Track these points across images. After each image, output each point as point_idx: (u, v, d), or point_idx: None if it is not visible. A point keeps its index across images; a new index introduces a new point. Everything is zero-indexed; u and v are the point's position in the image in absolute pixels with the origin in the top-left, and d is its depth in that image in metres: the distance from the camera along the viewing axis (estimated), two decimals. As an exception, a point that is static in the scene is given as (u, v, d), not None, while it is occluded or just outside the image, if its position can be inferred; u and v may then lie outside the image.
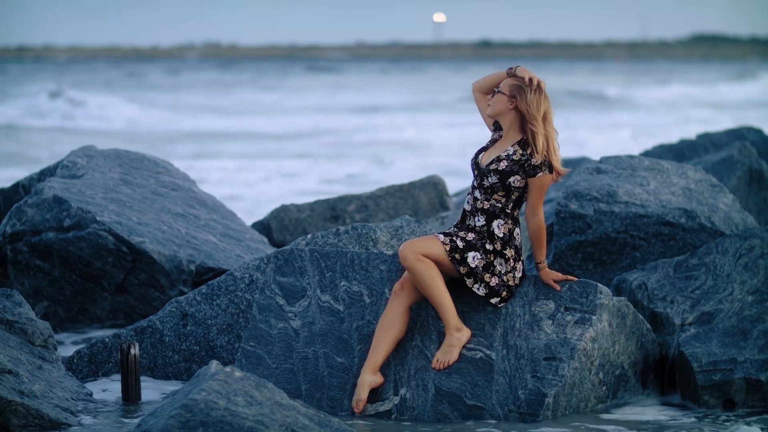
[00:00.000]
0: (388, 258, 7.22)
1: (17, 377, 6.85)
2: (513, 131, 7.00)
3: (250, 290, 8.04)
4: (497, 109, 7.02)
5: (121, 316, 9.51)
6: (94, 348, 8.14)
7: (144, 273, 9.35)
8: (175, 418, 5.45)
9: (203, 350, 8.04)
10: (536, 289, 7.01)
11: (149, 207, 9.94)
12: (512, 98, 6.95)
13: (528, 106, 6.91)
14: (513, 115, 6.98)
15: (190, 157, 28.25)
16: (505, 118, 7.01)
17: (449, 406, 6.83)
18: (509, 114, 6.99)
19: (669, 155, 13.85)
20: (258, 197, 19.90)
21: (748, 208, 11.86)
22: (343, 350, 7.06)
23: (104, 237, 9.33)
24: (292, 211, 11.90)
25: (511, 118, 6.99)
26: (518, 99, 6.94)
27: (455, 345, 6.88)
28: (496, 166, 6.91)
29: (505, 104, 6.98)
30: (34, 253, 9.47)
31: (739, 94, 56.06)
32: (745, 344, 7.22)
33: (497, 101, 7.02)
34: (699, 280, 7.73)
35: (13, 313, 7.43)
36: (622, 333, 7.12)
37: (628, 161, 9.39)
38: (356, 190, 16.86)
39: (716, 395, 7.09)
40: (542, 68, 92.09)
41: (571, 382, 6.79)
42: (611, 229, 8.96)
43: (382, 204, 11.97)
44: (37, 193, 9.63)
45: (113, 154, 10.61)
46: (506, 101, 6.98)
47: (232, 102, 53.78)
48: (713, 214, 8.98)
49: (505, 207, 6.93)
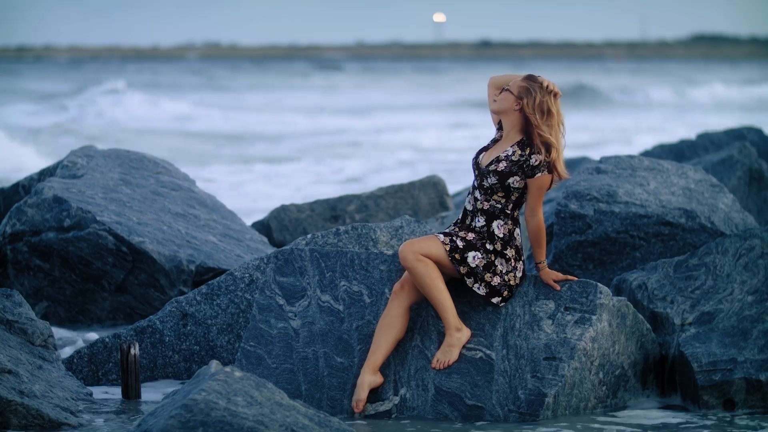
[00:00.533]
0: (388, 258, 7.22)
1: (17, 377, 6.85)
2: (514, 132, 6.99)
3: (250, 290, 8.04)
4: (502, 106, 6.99)
5: (121, 316, 9.51)
6: (94, 348, 8.14)
7: (144, 273, 9.35)
8: (175, 418, 5.45)
9: (203, 350, 8.04)
10: (536, 289, 7.01)
11: (149, 207, 9.94)
12: (519, 99, 6.94)
13: (534, 109, 6.88)
14: (516, 116, 6.96)
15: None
16: (509, 117, 6.99)
17: (449, 406, 6.83)
18: (513, 114, 6.97)
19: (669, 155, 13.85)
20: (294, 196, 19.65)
21: (748, 208, 11.86)
22: (343, 350, 7.06)
23: (104, 237, 9.33)
24: (292, 211, 11.90)
25: (514, 119, 6.98)
26: (525, 100, 6.92)
27: (455, 345, 6.88)
28: (495, 167, 6.91)
29: (511, 103, 6.96)
30: (34, 253, 9.47)
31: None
32: (745, 344, 7.22)
33: (504, 98, 7.00)
34: (699, 280, 7.72)
35: (13, 313, 7.43)
36: (622, 333, 7.12)
37: (628, 161, 9.39)
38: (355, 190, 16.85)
39: (716, 395, 7.09)
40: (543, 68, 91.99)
41: (571, 382, 6.79)
42: (611, 229, 8.96)
43: (382, 204, 11.97)
44: (37, 193, 9.63)
45: (113, 154, 10.62)
46: (513, 101, 6.96)
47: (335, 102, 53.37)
48: (713, 214, 8.98)
49: (504, 208, 6.93)
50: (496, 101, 7.02)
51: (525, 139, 6.93)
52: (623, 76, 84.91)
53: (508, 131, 7.01)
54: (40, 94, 53.48)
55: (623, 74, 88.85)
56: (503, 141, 7.03)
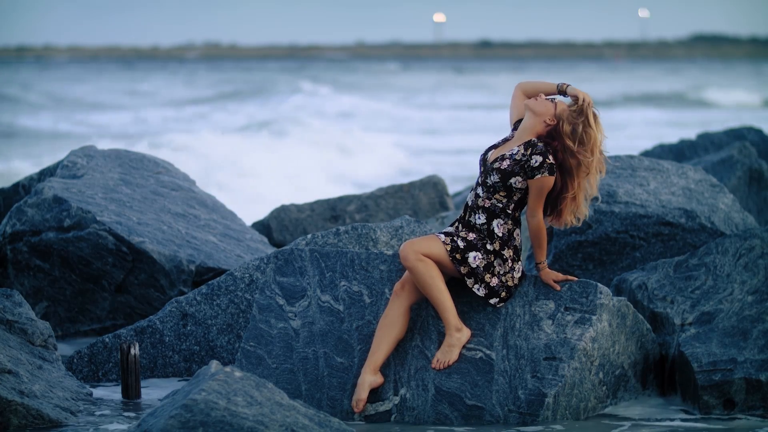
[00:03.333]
0: (388, 258, 7.22)
1: (17, 377, 6.85)
2: (527, 134, 6.95)
3: (250, 290, 8.05)
4: (538, 109, 6.93)
5: (121, 316, 9.51)
6: (94, 348, 8.14)
7: (144, 273, 9.35)
8: (175, 418, 5.45)
9: (203, 350, 8.04)
10: (536, 289, 7.01)
11: (149, 207, 9.94)
12: (557, 119, 6.90)
13: (571, 137, 6.84)
14: (542, 127, 6.94)
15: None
16: (532, 121, 6.96)
17: (449, 406, 6.83)
18: (539, 124, 6.95)
19: (669, 155, 13.85)
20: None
21: (748, 208, 11.86)
22: (343, 350, 7.06)
23: (104, 237, 9.32)
24: (292, 211, 11.90)
25: (535, 123, 6.95)
26: (562, 123, 6.88)
27: (455, 345, 6.88)
28: (499, 165, 6.90)
29: (547, 114, 6.92)
30: (34, 253, 9.46)
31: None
32: (745, 344, 7.22)
33: (543, 104, 6.94)
34: (699, 280, 7.72)
35: (13, 313, 7.43)
36: (622, 333, 7.12)
37: (628, 161, 9.39)
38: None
39: (716, 395, 7.09)
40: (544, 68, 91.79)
41: (571, 382, 6.79)
42: (611, 229, 8.97)
43: (382, 204, 11.97)
44: (37, 193, 9.63)
45: (113, 154, 10.61)
46: (550, 115, 6.90)
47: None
48: (713, 214, 8.98)
49: (506, 207, 6.92)
50: (537, 101, 6.95)
51: (533, 141, 6.90)
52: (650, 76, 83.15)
53: (522, 131, 6.96)
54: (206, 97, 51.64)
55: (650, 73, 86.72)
56: (513, 140, 7.01)
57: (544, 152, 6.84)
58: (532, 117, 6.94)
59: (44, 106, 45.56)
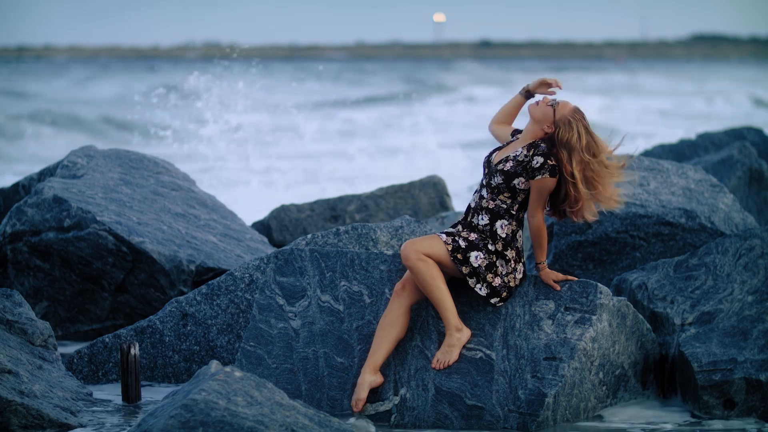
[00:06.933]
0: (388, 258, 7.22)
1: (17, 377, 6.85)
2: (530, 136, 6.97)
3: (250, 290, 8.05)
4: (537, 115, 6.94)
5: (121, 316, 9.51)
6: (94, 348, 8.14)
7: (144, 273, 9.35)
8: (175, 418, 5.45)
9: (203, 350, 8.04)
10: (536, 289, 7.01)
11: (149, 207, 9.94)
12: (555, 126, 6.91)
13: (566, 147, 6.86)
14: (541, 134, 6.96)
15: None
16: (532, 127, 6.98)
17: (449, 406, 6.83)
18: (539, 132, 6.96)
19: (669, 155, 13.85)
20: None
21: (748, 208, 11.86)
22: (343, 350, 7.06)
23: (104, 237, 9.32)
24: (292, 211, 11.90)
25: (535, 130, 6.97)
26: (561, 130, 6.89)
27: (455, 345, 6.88)
28: (503, 167, 6.91)
29: (546, 122, 6.94)
30: (34, 253, 9.46)
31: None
32: (745, 344, 7.22)
33: (542, 110, 6.95)
34: (699, 280, 7.73)
35: (13, 313, 7.43)
36: (622, 333, 7.12)
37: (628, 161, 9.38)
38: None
39: (716, 395, 7.09)
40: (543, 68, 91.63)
41: (571, 382, 6.79)
42: (611, 229, 8.97)
43: (382, 204, 11.97)
44: (37, 193, 9.63)
45: (113, 154, 10.61)
46: (549, 122, 6.92)
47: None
48: (713, 214, 8.98)
49: (510, 208, 6.93)
50: (538, 106, 6.97)
51: (536, 142, 6.92)
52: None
53: (526, 134, 7.00)
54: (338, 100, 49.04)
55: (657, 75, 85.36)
56: (517, 141, 7.03)
57: (546, 153, 6.85)
58: (531, 123, 6.98)
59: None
